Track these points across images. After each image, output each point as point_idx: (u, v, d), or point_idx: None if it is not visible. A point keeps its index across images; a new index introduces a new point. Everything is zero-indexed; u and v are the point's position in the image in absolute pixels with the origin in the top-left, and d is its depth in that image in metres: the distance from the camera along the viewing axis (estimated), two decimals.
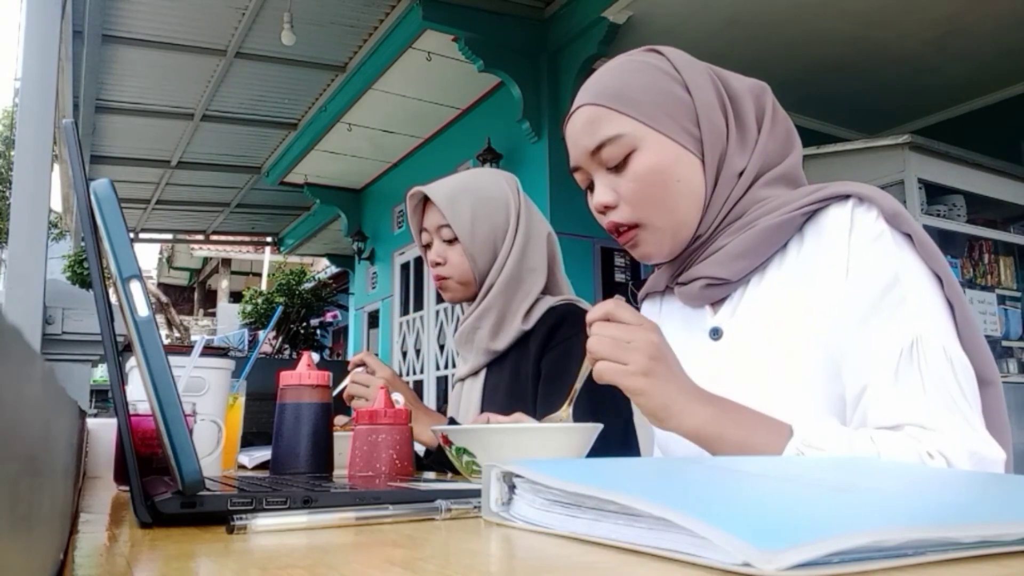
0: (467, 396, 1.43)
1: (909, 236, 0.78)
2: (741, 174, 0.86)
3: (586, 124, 0.88)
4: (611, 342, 0.76)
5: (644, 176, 0.85)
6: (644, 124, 0.85)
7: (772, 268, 0.85)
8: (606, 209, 0.88)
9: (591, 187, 0.91)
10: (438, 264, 1.37)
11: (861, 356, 0.75)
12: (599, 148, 0.86)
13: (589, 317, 0.79)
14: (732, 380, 0.84)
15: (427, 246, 1.41)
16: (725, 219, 0.86)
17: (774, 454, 0.71)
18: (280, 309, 1.97)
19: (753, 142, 0.87)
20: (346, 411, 1.41)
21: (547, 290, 1.39)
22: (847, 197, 0.80)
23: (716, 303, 0.90)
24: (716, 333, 0.88)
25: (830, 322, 0.78)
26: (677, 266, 0.91)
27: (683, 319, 0.94)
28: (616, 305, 0.78)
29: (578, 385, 0.86)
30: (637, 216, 0.87)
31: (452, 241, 1.36)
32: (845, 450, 0.69)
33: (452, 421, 1.28)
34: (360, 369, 1.39)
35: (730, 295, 0.88)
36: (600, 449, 0.89)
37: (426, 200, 1.39)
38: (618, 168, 0.86)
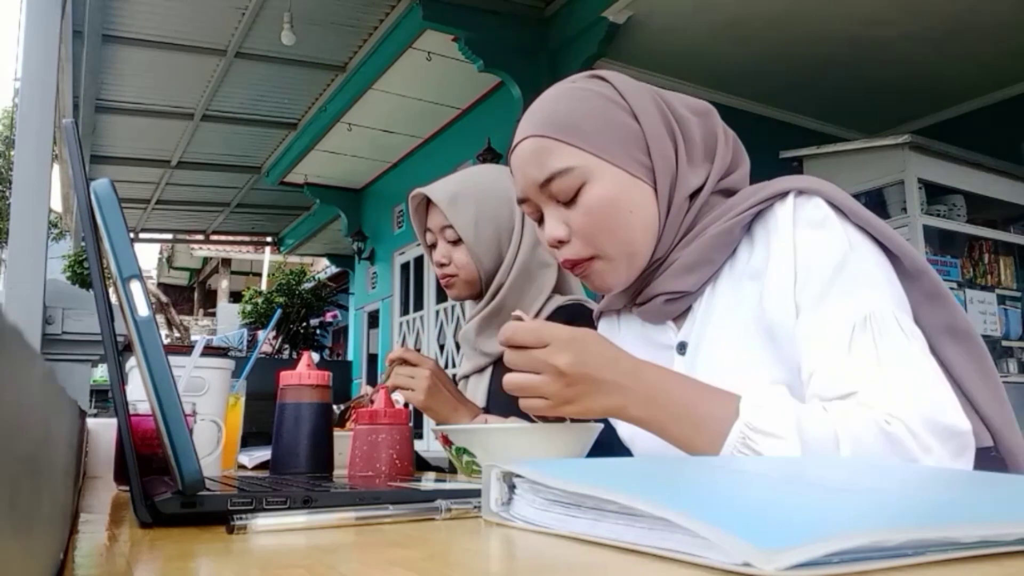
0: (471, 394, 1.42)
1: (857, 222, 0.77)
2: (694, 196, 0.85)
3: (533, 155, 0.84)
4: (523, 381, 0.73)
5: (596, 208, 0.82)
6: (594, 155, 0.82)
7: (724, 275, 0.84)
8: (559, 244, 0.85)
9: (541, 219, 0.88)
10: (443, 264, 1.36)
11: (814, 338, 0.73)
12: (548, 181, 0.83)
13: (499, 340, 0.76)
14: None
15: (432, 246, 1.40)
16: (681, 240, 0.85)
17: (719, 434, 0.69)
18: (280, 309, 1.97)
19: (705, 164, 0.86)
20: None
21: (557, 287, 1.37)
22: (787, 193, 0.79)
23: (678, 318, 0.89)
24: (683, 348, 0.87)
25: (788, 320, 0.76)
26: (635, 288, 0.90)
27: (643, 337, 0.93)
28: (513, 330, 0.74)
29: None
30: (591, 249, 0.84)
31: (456, 242, 1.34)
32: (793, 428, 0.66)
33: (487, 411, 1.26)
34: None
35: (691, 307, 0.87)
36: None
37: (429, 200, 1.38)
38: (569, 202, 0.84)
